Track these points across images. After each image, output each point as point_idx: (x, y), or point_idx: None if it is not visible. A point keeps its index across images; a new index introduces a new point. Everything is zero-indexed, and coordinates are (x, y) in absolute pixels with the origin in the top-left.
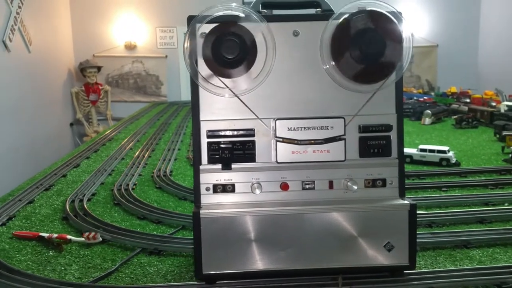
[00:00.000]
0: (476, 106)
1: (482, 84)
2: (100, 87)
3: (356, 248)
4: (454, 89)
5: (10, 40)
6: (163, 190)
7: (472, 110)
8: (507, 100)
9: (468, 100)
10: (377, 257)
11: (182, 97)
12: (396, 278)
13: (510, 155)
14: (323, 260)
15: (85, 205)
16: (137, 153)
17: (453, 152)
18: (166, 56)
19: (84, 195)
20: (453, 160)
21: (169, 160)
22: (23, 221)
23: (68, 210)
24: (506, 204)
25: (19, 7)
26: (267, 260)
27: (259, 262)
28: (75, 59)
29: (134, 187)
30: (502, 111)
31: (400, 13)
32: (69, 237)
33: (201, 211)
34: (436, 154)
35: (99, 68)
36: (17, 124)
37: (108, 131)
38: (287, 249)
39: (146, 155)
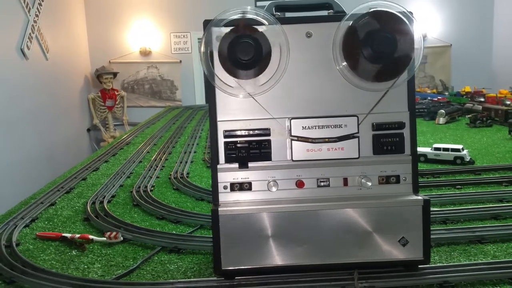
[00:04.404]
0: (490, 105)
1: (497, 83)
2: (116, 93)
3: (371, 243)
4: (468, 89)
5: (28, 48)
6: (181, 191)
7: (486, 109)
8: None
9: (482, 99)
10: (392, 252)
11: (196, 101)
12: (411, 272)
13: None
14: (339, 256)
15: (105, 207)
16: (154, 156)
17: (467, 150)
18: (181, 61)
19: (104, 197)
20: (467, 158)
21: (186, 162)
22: (46, 222)
23: (89, 211)
24: None
25: (36, 15)
26: (284, 255)
27: (276, 257)
28: (91, 65)
29: (152, 189)
30: None
31: (411, 13)
32: (91, 237)
33: (219, 209)
34: (450, 152)
35: (115, 74)
36: (36, 130)
37: (125, 136)
38: (304, 245)
39: (163, 158)
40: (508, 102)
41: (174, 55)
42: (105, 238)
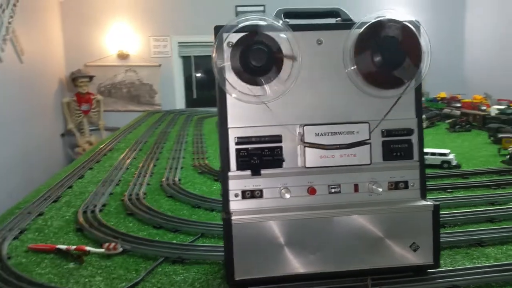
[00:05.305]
0: (468, 110)
1: (469, 89)
2: (92, 97)
3: (383, 249)
4: (443, 95)
5: (2, 50)
6: (175, 199)
7: (464, 114)
8: (496, 104)
9: (458, 105)
10: (404, 257)
11: (177, 105)
12: (423, 277)
13: (508, 156)
14: (352, 262)
15: (98, 216)
16: (141, 163)
17: (453, 154)
18: (160, 65)
19: (95, 205)
20: (454, 163)
21: (176, 168)
22: (36, 234)
23: (83, 221)
24: (511, 203)
25: (11, 17)
26: (298, 263)
27: (290, 266)
28: (67, 68)
29: (144, 196)
30: (493, 114)
31: (418, 21)
32: (88, 248)
33: (232, 217)
34: (437, 157)
35: (91, 78)
36: (7, 135)
37: (108, 141)
38: (317, 252)
39: (151, 165)
40: (483, 108)
41: (153, 58)
42: (103, 250)
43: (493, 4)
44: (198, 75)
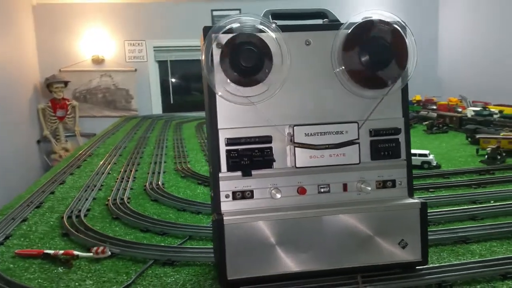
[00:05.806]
0: (444, 112)
1: (444, 91)
2: (68, 103)
3: (373, 247)
4: (418, 97)
5: None
6: (160, 203)
7: (441, 116)
8: (471, 106)
9: (434, 107)
10: (393, 254)
11: (153, 110)
12: (411, 273)
13: (486, 156)
14: (342, 260)
15: (84, 221)
16: (123, 168)
17: (432, 155)
18: (136, 70)
19: (80, 210)
20: (434, 163)
21: (158, 173)
22: (21, 239)
23: (68, 226)
24: (492, 201)
25: None
26: (290, 262)
27: (281, 265)
28: (41, 74)
29: (129, 200)
30: (469, 116)
31: (404, 22)
32: (76, 252)
33: (224, 218)
34: (417, 157)
35: (66, 83)
36: None
37: (87, 147)
38: (308, 251)
39: (132, 169)
40: (459, 109)
41: (128, 63)
42: (91, 254)
43: (466, 6)
44: (175, 80)
